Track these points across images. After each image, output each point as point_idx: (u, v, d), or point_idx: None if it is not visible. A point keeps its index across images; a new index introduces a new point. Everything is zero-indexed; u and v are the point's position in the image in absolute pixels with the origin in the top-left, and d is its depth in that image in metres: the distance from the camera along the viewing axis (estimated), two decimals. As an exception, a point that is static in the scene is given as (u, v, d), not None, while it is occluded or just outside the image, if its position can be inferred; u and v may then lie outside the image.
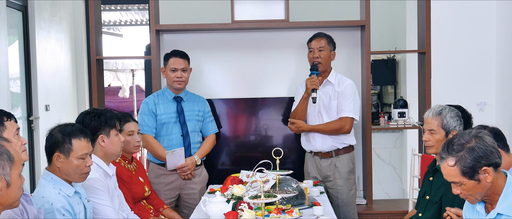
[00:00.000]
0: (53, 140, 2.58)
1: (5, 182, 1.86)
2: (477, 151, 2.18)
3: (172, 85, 4.00)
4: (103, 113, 3.02)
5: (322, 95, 3.94)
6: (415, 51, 4.55)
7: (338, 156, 3.95)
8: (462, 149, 2.20)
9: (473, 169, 2.18)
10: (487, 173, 2.18)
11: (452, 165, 2.22)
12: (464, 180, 2.21)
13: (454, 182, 2.24)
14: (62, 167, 2.57)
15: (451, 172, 2.23)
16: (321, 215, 2.97)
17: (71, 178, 2.61)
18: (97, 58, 4.42)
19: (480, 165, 2.17)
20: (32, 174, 5.50)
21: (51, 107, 5.87)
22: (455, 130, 2.98)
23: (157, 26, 4.36)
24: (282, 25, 4.39)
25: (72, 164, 2.57)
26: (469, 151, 2.18)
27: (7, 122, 2.32)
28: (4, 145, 1.89)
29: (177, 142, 3.96)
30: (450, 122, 2.98)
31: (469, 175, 2.19)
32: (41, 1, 5.73)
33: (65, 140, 2.56)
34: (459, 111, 3.36)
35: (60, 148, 2.56)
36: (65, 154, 2.56)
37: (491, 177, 2.19)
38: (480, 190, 2.22)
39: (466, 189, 2.23)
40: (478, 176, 2.19)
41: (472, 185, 2.21)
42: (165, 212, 3.66)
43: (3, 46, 4.71)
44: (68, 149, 2.56)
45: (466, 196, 2.27)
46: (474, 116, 3.41)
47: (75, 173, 2.59)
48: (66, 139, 2.56)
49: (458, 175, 2.22)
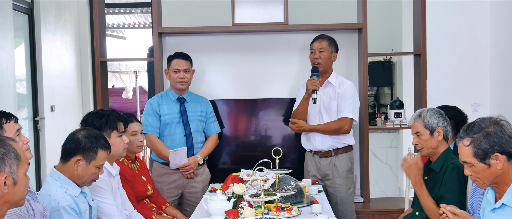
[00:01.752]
0: (80, 145, 2.58)
1: (12, 180, 1.86)
2: (492, 136, 2.19)
3: (175, 86, 4.00)
4: (106, 114, 3.03)
5: (323, 95, 3.94)
6: (411, 53, 4.55)
7: (337, 156, 3.95)
8: (479, 132, 2.22)
9: (485, 152, 2.19)
10: (498, 160, 2.18)
11: (467, 145, 2.24)
12: (474, 161, 2.22)
13: (466, 162, 2.26)
14: (79, 171, 2.59)
15: (464, 151, 2.25)
16: (319, 213, 2.97)
17: (81, 182, 2.62)
18: (101, 60, 4.42)
19: (492, 151, 2.18)
20: (38, 172, 5.50)
21: (56, 107, 5.87)
22: (438, 127, 3.00)
23: (159, 28, 4.36)
24: (281, 28, 4.40)
25: (89, 171, 2.60)
26: (485, 135, 2.20)
27: (6, 125, 2.30)
28: (11, 144, 1.90)
29: (180, 142, 3.97)
30: (431, 121, 3.01)
31: (480, 157, 2.20)
32: (46, 5, 5.73)
33: (92, 148, 2.58)
34: (455, 112, 3.37)
35: (84, 154, 2.57)
36: (87, 161, 2.58)
37: (501, 165, 2.19)
38: (489, 175, 2.22)
39: (475, 171, 2.25)
40: (489, 161, 2.20)
41: (481, 168, 2.22)
42: (168, 210, 3.66)
43: (9, 48, 4.71)
44: (92, 157, 2.59)
45: (476, 179, 2.28)
46: (469, 117, 3.42)
47: (88, 179, 2.63)
48: (94, 148, 2.58)
49: (470, 156, 2.23)
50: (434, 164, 3.03)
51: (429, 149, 3.04)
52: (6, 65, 4.63)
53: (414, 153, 3.98)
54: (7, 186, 1.85)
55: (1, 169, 1.84)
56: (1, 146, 1.86)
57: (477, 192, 2.79)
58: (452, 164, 2.95)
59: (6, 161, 1.85)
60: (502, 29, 4.30)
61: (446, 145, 3.05)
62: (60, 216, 2.49)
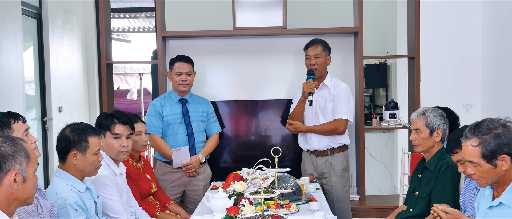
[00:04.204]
0: (69, 140, 2.58)
1: (21, 177, 1.86)
2: (502, 138, 2.16)
3: (177, 88, 4.00)
4: (104, 116, 3.08)
5: (319, 98, 3.94)
6: (405, 56, 4.55)
7: (333, 155, 3.95)
8: (488, 133, 2.18)
9: (493, 153, 2.17)
10: (505, 161, 2.17)
11: (475, 145, 2.20)
12: (481, 162, 2.20)
13: (472, 161, 2.22)
14: (78, 164, 2.59)
15: (472, 152, 2.21)
16: (317, 210, 2.97)
17: (85, 173, 2.62)
18: (107, 63, 4.43)
19: (501, 152, 2.16)
20: (46, 170, 5.51)
21: (63, 108, 5.87)
22: (439, 128, 3.00)
23: (163, 32, 4.36)
24: (280, 32, 4.40)
25: (89, 160, 2.60)
26: (495, 136, 2.17)
27: (14, 125, 2.30)
28: (22, 144, 1.90)
29: (182, 142, 3.97)
30: (434, 121, 3.00)
31: (488, 158, 2.18)
32: (54, 9, 5.74)
33: (82, 138, 2.58)
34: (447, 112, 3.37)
35: (77, 147, 2.58)
36: (82, 152, 2.58)
37: (507, 166, 2.17)
38: (493, 175, 2.20)
39: (480, 171, 2.22)
40: (496, 162, 2.17)
41: (488, 169, 2.19)
42: (171, 207, 3.66)
43: (19, 51, 4.72)
44: (85, 147, 2.58)
45: (478, 178, 2.25)
46: (461, 117, 3.42)
47: (91, 168, 2.62)
48: (82, 137, 2.58)
49: (477, 156, 2.20)
50: (428, 163, 3.03)
51: (425, 147, 3.03)
52: (15, 68, 4.63)
53: (408, 152, 3.99)
54: (17, 183, 1.85)
55: (12, 166, 1.84)
56: (12, 145, 1.86)
57: (469, 190, 2.79)
58: (446, 163, 2.96)
59: (16, 159, 1.85)
60: (492, 33, 4.31)
61: (441, 145, 3.05)
62: (67, 213, 2.49)
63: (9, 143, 1.87)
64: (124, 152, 3.05)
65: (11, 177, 1.84)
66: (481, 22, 4.47)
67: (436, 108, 3.08)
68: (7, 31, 4.49)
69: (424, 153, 3.10)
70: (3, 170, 1.83)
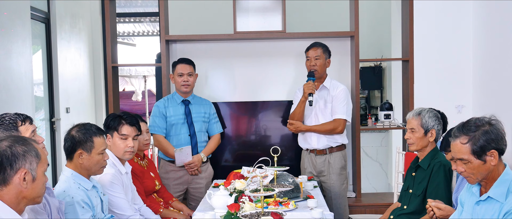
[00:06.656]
0: (75, 140, 2.58)
1: (31, 176, 1.87)
2: (490, 134, 2.17)
3: (179, 89, 4.00)
4: (112, 117, 3.09)
5: (318, 98, 3.95)
6: (400, 59, 4.55)
7: (331, 154, 3.95)
8: (476, 130, 2.19)
9: (483, 149, 2.17)
10: (493, 156, 2.17)
11: (465, 143, 2.20)
12: (472, 158, 2.19)
13: (462, 159, 2.22)
14: (84, 163, 2.59)
15: (462, 149, 2.21)
16: (314, 207, 2.97)
17: (91, 172, 2.63)
18: (112, 65, 4.43)
19: (489, 147, 2.16)
20: (54, 169, 5.50)
21: (71, 109, 5.87)
22: (433, 129, 2.99)
23: (166, 36, 4.37)
24: (279, 36, 4.40)
25: (94, 159, 2.60)
26: (483, 133, 2.17)
27: (21, 127, 2.28)
28: (33, 144, 1.91)
29: (185, 141, 3.97)
30: (429, 122, 2.99)
31: (477, 154, 2.18)
32: (62, 14, 5.73)
33: (87, 138, 2.58)
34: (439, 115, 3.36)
35: (83, 146, 2.58)
36: (88, 151, 2.58)
37: (496, 161, 2.18)
38: (483, 171, 2.20)
39: (470, 168, 2.22)
40: (485, 157, 2.18)
41: (478, 165, 2.19)
42: (174, 204, 3.66)
43: (27, 54, 4.71)
44: (90, 146, 2.58)
45: (468, 175, 2.25)
46: (453, 118, 3.41)
47: (96, 166, 2.62)
48: (88, 137, 2.58)
49: (467, 153, 2.20)
50: (422, 162, 3.03)
51: (419, 146, 3.03)
52: (24, 70, 4.63)
53: (402, 151, 3.99)
54: (26, 182, 1.85)
55: (22, 165, 1.84)
56: (24, 145, 1.87)
57: (461, 188, 2.79)
58: (439, 162, 2.95)
59: (26, 158, 1.85)
60: (483, 36, 4.30)
61: (434, 145, 3.05)
62: (74, 210, 2.49)
63: (21, 143, 1.87)
64: (130, 152, 3.06)
65: (20, 176, 1.84)
66: (472, 25, 4.47)
67: (431, 109, 3.07)
68: (17, 35, 4.49)
69: (418, 152, 3.09)
70: (13, 168, 1.83)
